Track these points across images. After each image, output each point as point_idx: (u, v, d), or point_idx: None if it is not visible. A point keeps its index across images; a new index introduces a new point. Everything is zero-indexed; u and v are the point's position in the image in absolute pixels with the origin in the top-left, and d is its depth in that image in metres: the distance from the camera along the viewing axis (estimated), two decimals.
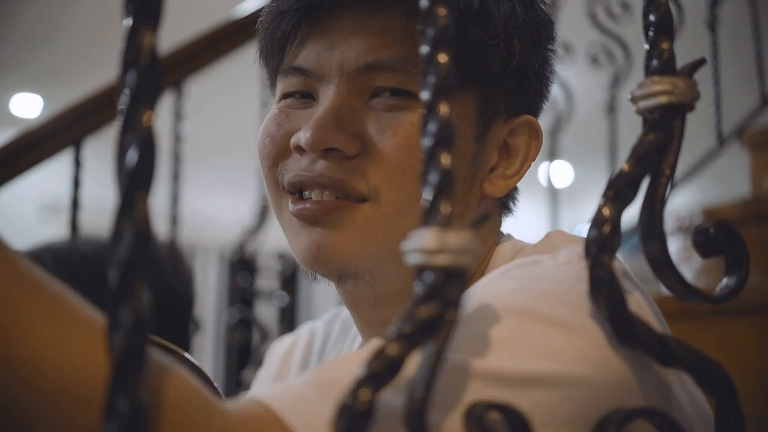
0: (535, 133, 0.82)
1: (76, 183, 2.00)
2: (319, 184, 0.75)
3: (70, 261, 1.37)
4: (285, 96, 0.80)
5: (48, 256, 1.38)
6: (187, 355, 0.66)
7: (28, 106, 5.42)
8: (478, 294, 0.59)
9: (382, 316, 0.80)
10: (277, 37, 0.80)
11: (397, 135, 0.73)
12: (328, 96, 0.75)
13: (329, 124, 0.73)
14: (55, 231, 5.22)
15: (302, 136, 0.74)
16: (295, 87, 0.79)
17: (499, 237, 0.84)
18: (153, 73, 0.37)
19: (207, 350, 6.89)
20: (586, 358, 0.53)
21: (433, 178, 0.42)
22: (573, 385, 0.52)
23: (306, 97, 0.79)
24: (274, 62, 0.82)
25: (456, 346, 0.49)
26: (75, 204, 2.00)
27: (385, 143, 0.73)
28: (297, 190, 0.77)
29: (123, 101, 0.37)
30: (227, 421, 0.46)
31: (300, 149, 0.75)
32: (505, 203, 0.87)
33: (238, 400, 0.50)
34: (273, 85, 0.84)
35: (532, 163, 0.88)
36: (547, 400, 0.51)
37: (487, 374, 0.51)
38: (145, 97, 0.37)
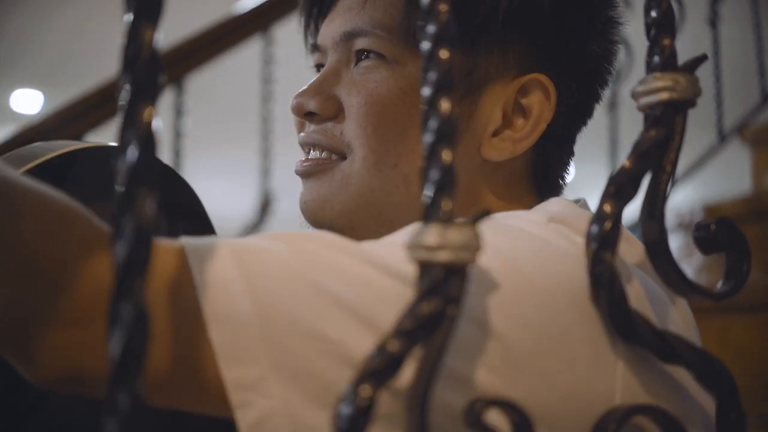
0: (547, 93, 0.76)
1: None
2: (310, 144, 0.81)
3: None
4: (317, 70, 0.86)
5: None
6: None
7: (29, 102, 5.42)
8: None
9: None
10: (307, 20, 0.88)
11: (360, 94, 0.77)
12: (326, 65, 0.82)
13: (309, 91, 0.80)
14: None
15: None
16: (317, 61, 0.85)
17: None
18: (154, 69, 0.37)
19: None
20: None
21: (434, 174, 0.41)
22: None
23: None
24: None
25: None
26: None
27: (352, 102, 0.77)
28: (306, 151, 0.82)
29: (123, 97, 0.37)
30: None
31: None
32: (541, 174, 0.80)
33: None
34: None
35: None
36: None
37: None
38: (146, 93, 0.37)
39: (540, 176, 0.80)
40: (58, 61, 4.82)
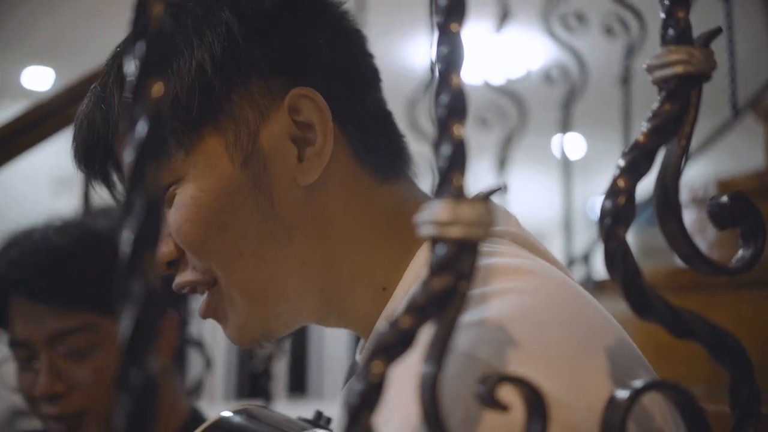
0: (311, 98, 0.75)
1: None
2: (184, 290, 0.81)
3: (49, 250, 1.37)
4: None
5: (27, 244, 1.38)
6: None
7: (40, 79, 5.43)
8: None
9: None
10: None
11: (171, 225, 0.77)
12: None
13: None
14: (68, 204, 5.24)
15: None
16: None
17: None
18: (162, 44, 0.36)
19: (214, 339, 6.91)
20: None
21: (446, 149, 0.41)
22: None
23: None
24: None
25: None
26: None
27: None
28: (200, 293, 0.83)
29: (133, 72, 0.36)
30: None
31: None
32: (371, 155, 0.79)
33: None
34: None
35: (546, 135, 0.86)
36: None
37: None
38: (155, 68, 0.36)
39: (373, 158, 0.79)
40: (70, 38, 4.82)
